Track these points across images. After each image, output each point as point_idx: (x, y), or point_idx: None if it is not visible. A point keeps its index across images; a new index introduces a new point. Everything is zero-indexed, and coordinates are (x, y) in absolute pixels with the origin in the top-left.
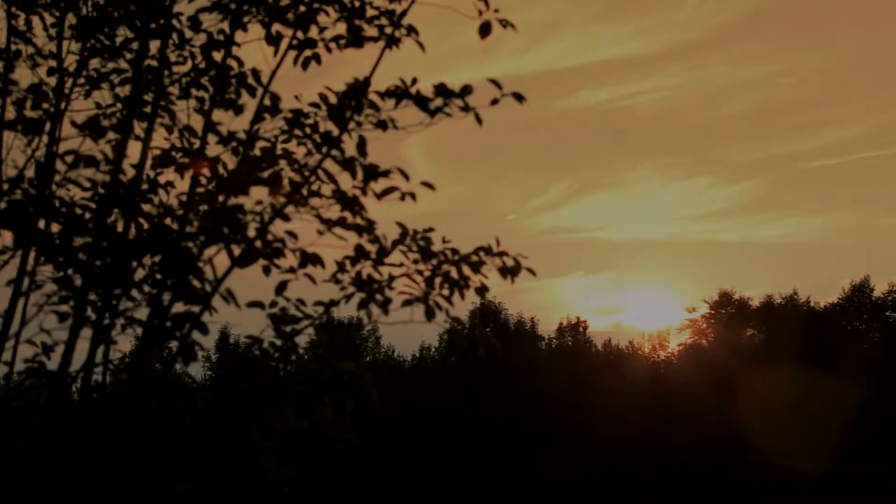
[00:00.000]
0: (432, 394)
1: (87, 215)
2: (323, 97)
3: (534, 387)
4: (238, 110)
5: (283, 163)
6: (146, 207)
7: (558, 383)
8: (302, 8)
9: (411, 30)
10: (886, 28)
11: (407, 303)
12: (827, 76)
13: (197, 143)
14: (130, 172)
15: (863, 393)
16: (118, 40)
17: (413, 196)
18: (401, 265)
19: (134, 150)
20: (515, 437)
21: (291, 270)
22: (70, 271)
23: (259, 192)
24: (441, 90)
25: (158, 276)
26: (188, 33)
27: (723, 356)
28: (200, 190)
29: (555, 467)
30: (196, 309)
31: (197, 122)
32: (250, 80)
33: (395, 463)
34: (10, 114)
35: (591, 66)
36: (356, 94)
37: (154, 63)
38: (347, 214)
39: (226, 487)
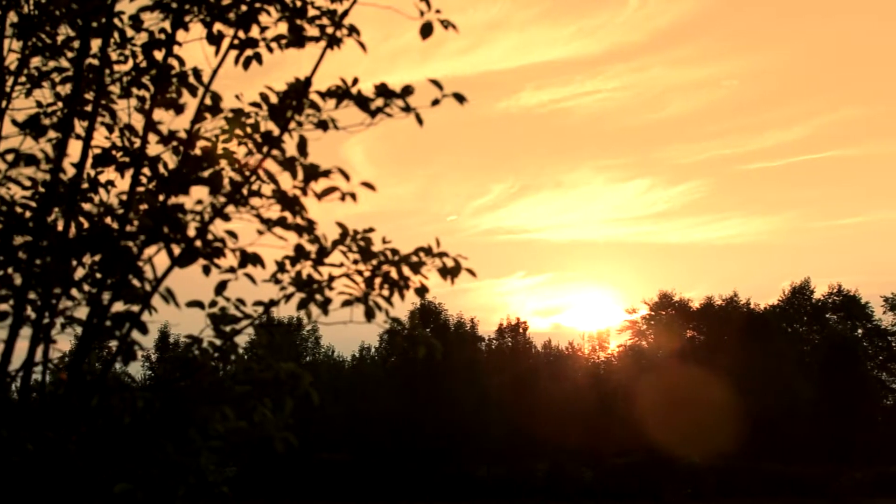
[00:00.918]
0: (372, 394)
1: (28, 214)
2: (264, 97)
3: (474, 387)
4: (179, 109)
5: (223, 162)
6: (86, 206)
7: (498, 384)
8: (243, 7)
9: (353, 30)
10: (828, 32)
11: (347, 303)
12: (768, 79)
13: (137, 143)
14: (71, 171)
15: (804, 395)
16: (60, 39)
17: (353, 196)
18: (341, 265)
19: (75, 148)
20: (456, 438)
21: (231, 270)
22: (10, 270)
23: (199, 192)
24: (382, 90)
25: (98, 276)
26: (130, 32)
27: (662, 357)
28: (141, 189)
29: (496, 467)
30: (136, 308)
31: (138, 122)
32: (191, 80)
33: (335, 463)
34: None
35: (533, 68)
36: (297, 94)
37: (95, 62)
38: (288, 214)
39: (165, 487)
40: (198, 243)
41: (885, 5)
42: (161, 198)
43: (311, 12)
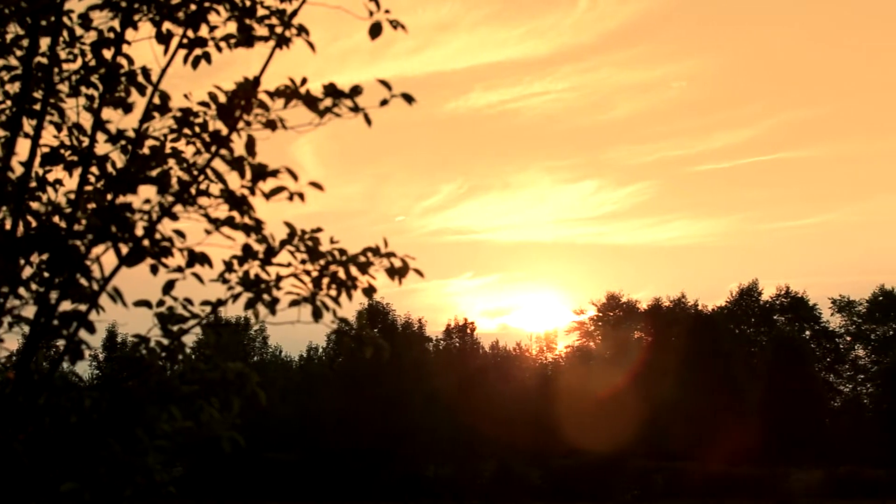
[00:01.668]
0: (320, 394)
1: None
2: (212, 96)
3: (421, 388)
4: (128, 109)
5: (171, 161)
6: (34, 205)
7: (446, 384)
8: (193, 6)
9: (302, 30)
10: (776, 34)
11: (294, 303)
12: (717, 80)
13: (86, 141)
14: (19, 170)
15: (751, 396)
16: (8, 37)
17: (301, 196)
18: (288, 265)
19: (23, 147)
20: (403, 438)
21: (179, 270)
22: None
23: (147, 191)
24: (330, 90)
25: (46, 275)
26: (79, 31)
27: (610, 358)
28: (89, 188)
29: (443, 467)
30: (83, 307)
31: (86, 120)
32: (140, 79)
33: (283, 463)
34: None
35: (483, 68)
36: (246, 93)
37: (44, 60)
38: (235, 214)
39: (112, 487)
40: (145, 243)
41: (832, 9)
42: (109, 197)
43: (261, 12)
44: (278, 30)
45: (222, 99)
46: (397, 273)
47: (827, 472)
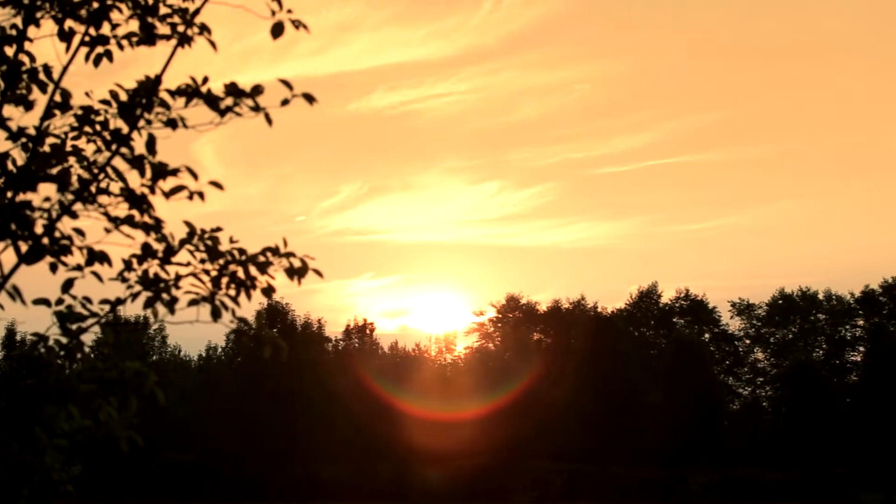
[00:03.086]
0: (219, 394)
1: None
2: (114, 94)
3: (320, 388)
4: (28, 106)
5: (72, 160)
6: None
7: (344, 385)
8: (95, 4)
9: (204, 28)
10: (678, 38)
11: (193, 302)
12: (619, 84)
13: None
14: None
15: (650, 398)
16: None
17: (201, 195)
18: (188, 264)
19: None
20: (302, 438)
21: (78, 268)
22: None
23: (48, 189)
24: (231, 89)
25: None
26: None
27: (509, 359)
28: None
29: (341, 468)
30: None
31: None
32: (42, 76)
33: (181, 462)
34: None
35: (385, 69)
36: (147, 91)
37: None
38: (135, 212)
39: (10, 486)
40: (45, 241)
41: (733, 16)
42: (9, 194)
43: (163, 10)
44: (180, 28)
45: (123, 97)
46: (297, 273)
47: (725, 475)
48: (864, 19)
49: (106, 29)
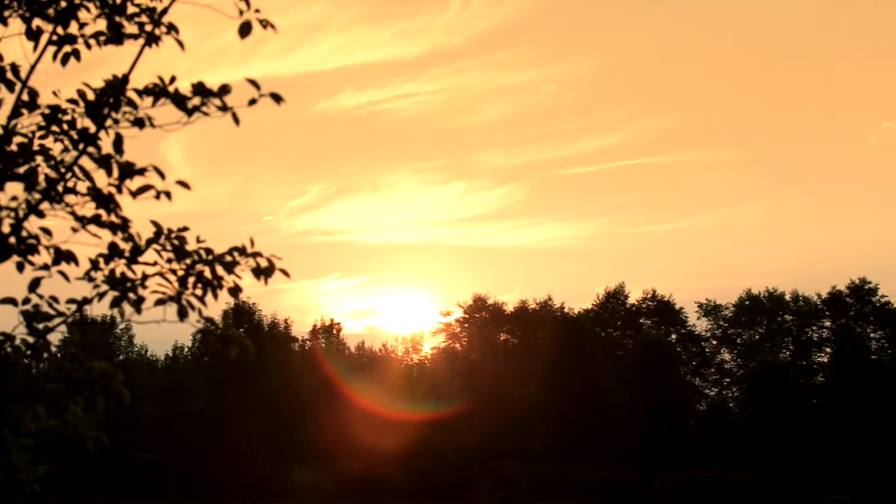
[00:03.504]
0: (185, 394)
1: None
2: (81, 93)
3: (287, 388)
4: None
5: (39, 159)
6: None
7: (311, 385)
8: (63, 3)
9: (171, 28)
10: (646, 39)
11: (160, 302)
12: (587, 84)
13: None
14: None
15: (617, 399)
16: None
17: (168, 195)
18: (154, 264)
19: None
20: (268, 438)
21: (45, 267)
22: None
23: (14, 188)
24: (199, 89)
25: None
26: None
27: (476, 360)
28: None
29: (308, 468)
30: None
31: None
32: (9, 75)
33: (148, 462)
34: None
35: (353, 69)
36: (114, 91)
37: None
38: (102, 212)
39: None
40: (12, 240)
41: (701, 17)
42: None
43: (131, 9)
44: (148, 28)
45: (91, 96)
46: (263, 273)
47: (692, 475)
48: (831, 22)
49: (74, 28)
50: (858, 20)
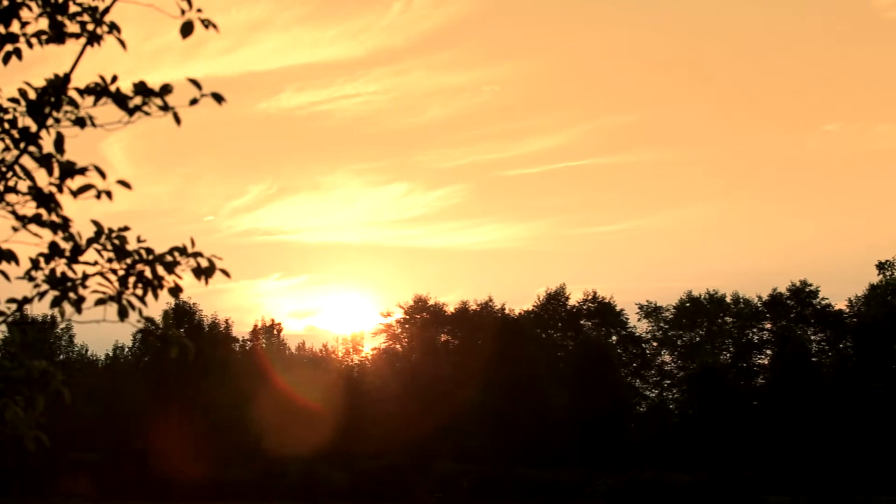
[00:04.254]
0: (125, 393)
1: None
2: (22, 92)
3: (227, 388)
4: None
5: None
6: None
7: (252, 385)
8: (5, 2)
9: (113, 27)
10: (589, 41)
11: (100, 301)
12: (530, 85)
13: None
14: None
15: (557, 400)
16: None
17: (109, 194)
18: (95, 263)
19: None
20: (208, 438)
21: None
22: None
23: None
24: (140, 88)
25: None
26: None
27: (416, 360)
28: None
29: (249, 468)
30: None
31: None
32: None
33: (87, 462)
34: None
35: (295, 69)
36: (56, 90)
37: None
38: (43, 211)
39: None
40: None
41: (645, 19)
42: None
43: (73, 8)
44: (90, 27)
45: (32, 95)
46: (204, 273)
47: (631, 477)
48: (773, 26)
49: (15, 27)
50: (800, 24)
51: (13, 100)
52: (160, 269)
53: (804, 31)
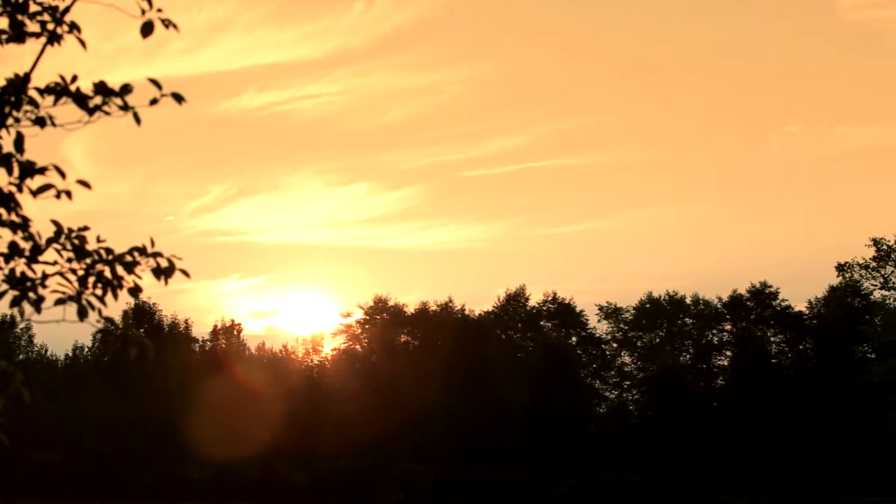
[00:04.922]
0: (85, 393)
1: None
2: None
3: (187, 388)
4: None
5: None
6: None
7: (211, 385)
8: None
9: (74, 27)
10: (550, 43)
11: (60, 301)
12: (491, 87)
13: None
14: None
15: (517, 401)
16: None
17: (69, 194)
18: (55, 263)
19: None
20: (168, 438)
21: None
22: None
23: None
24: (100, 88)
25: None
26: None
27: (376, 361)
28: None
29: (208, 469)
30: None
31: None
32: None
33: (47, 462)
34: None
35: (256, 70)
36: (16, 89)
37: None
38: (2, 211)
39: None
40: None
41: (606, 22)
42: None
43: (33, 8)
44: (50, 26)
45: None
46: (163, 273)
47: (591, 478)
48: (735, 28)
49: None
50: (763, 25)
51: None
52: (120, 270)
53: (766, 32)
